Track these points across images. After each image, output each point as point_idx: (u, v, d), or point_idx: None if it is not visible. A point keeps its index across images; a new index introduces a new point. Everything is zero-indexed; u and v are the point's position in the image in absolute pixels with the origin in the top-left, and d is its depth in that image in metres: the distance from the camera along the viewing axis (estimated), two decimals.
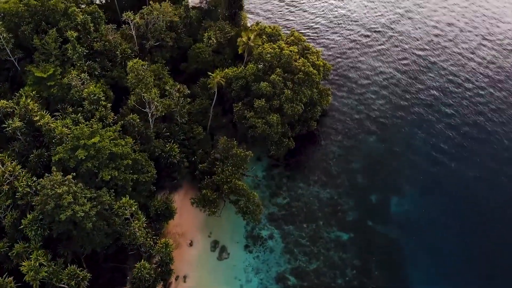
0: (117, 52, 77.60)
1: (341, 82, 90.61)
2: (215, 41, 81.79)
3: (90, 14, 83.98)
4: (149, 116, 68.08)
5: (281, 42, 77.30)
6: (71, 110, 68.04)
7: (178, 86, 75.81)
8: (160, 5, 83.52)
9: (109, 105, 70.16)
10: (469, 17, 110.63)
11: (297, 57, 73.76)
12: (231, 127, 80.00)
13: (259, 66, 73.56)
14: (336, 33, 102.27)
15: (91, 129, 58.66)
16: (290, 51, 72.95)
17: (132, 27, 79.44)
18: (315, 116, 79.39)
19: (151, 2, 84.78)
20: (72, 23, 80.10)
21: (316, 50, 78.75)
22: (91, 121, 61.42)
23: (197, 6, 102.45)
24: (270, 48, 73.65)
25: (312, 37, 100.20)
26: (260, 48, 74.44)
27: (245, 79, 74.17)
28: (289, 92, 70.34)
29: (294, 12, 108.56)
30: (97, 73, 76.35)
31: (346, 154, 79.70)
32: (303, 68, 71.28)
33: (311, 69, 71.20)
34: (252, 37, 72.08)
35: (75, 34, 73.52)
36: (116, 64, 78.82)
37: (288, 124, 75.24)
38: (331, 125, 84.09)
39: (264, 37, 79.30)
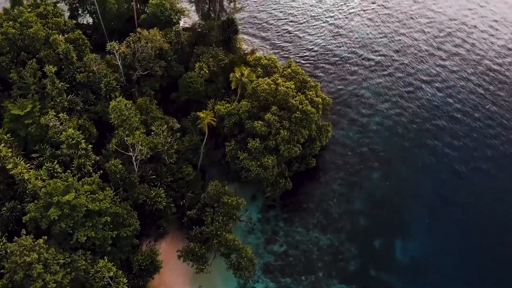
0: (101, 85, 72.11)
1: (342, 112, 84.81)
2: (207, 71, 76.30)
3: (74, 41, 79.07)
4: (133, 159, 62.75)
5: (277, 75, 71.75)
6: (48, 153, 62.99)
7: (166, 125, 70.38)
8: (149, 32, 78.09)
9: (90, 146, 65.00)
10: (478, 41, 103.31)
11: (294, 93, 68.14)
12: (224, 162, 74.47)
13: (253, 103, 68.00)
14: (337, 58, 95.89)
15: (66, 183, 53.21)
16: (287, 87, 67.33)
17: (117, 57, 73.92)
18: (314, 152, 73.85)
19: (139, 29, 79.28)
20: (54, 51, 75.07)
21: (315, 83, 73.05)
22: (66, 173, 55.91)
23: (190, 27, 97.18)
24: (265, 84, 68.04)
25: (310, 62, 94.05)
26: (254, 82, 68.90)
27: (239, 116, 68.68)
28: (286, 133, 64.83)
29: (292, 35, 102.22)
30: (79, 108, 71.12)
31: (347, 193, 74.16)
32: (300, 106, 65.66)
33: (309, 107, 65.58)
34: (245, 73, 66.48)
35: (54, 69, 68.27)
36: (101, 97, 73.46)
37: (284, 163, 69.75)
38: (331, 160, 78.46)
39: (259, 69, 73.67)
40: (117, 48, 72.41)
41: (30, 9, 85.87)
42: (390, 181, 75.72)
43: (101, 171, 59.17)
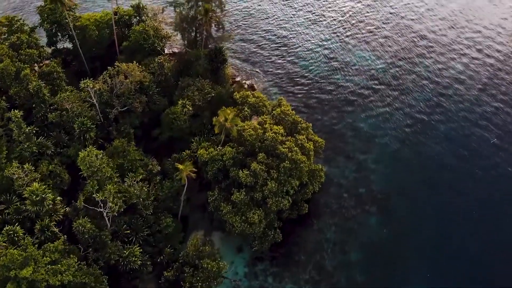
0: (74, 126, 66.46)
1: (338, 148, 78.47)
2: (190, 108, 70.64)
3: (48, 74, 73.66)
4: (104, 214, 57.05)
5: (266, 117, 65.86)
6: (13, 209, 57.40)
7: (144, 169, 64.84)
8: (128, 66, 72.33)
9: (59, 198, 59.47)
10: (481, 67, 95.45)
11: (283, 138, 62.24)
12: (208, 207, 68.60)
13: (238, 148, 62.26)
14: (332, 87, 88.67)
15: (24, 254, 47.51)
16: (275, 132, 61.44)
17: (92, 95, 68.19)
18: (306, 197, 67.96)
19: (117, 63, 73.46)
20: (25, 87, 69.70)
21: (306, 124, 66.98)
22: (26, 239, 50.22)
23: (176, 53, 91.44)
24: (252, 129, 62.13)
25: (304, 92, 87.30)
26: (240, 125, 63.03)
27: (223, 162, 62.87)
28: (274, 185, 58.98)
29: (284, 61, 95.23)
30: (50, 152, 65.52)
31: (342, 242, 68.13)
32: (290, 154, 59.78)
33: (299, 156, 59.69)
34: (230, 117, 60.55)
35: (20, 114, 62.71)
36: (74, 138, 67.83)
37: (273, 213, 63.88)
38: (325, 204, 72.42)
39: (246, 108, 67.75)
40: (91, 86, 66.65)
41: (4, 36, 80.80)
42: (388, 228, 69.52)
43: (65, 236, 53.42)
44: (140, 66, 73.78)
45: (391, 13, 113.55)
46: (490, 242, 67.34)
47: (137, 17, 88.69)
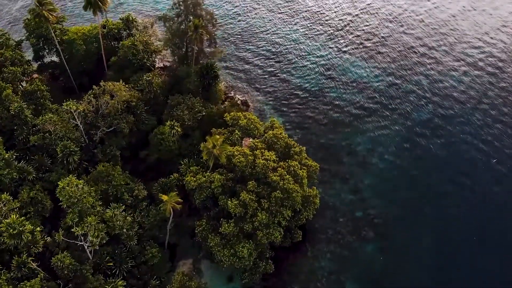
0: (57, 149, 63.50)
1: (333, 170, 75.39)
2: (179, 129, 67.66)
3: (32, 93, 70.71)
4: (86, 247, 54.10)
5: (257, 141, 62.81)
6: None
7: (130, 197, 61.97)
8: (114, 85, 69.33)
9: (39, 228, 56.39)
10: (484, 85, 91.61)
11: (275, 164, 59.19)
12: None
13: (228, 175, 59.27)
14: (328, 106, 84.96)
15: None
16: (266, 159, 58.35)
17: (76, 116, 65.21)
18: (300, 223, 64.94)
19: (101, 82, 70.27)
20: (7, 108, 66.73)
21: (299, 148, 63.85)
22: (1, 279, 47.35)
23: (167, 67, 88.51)
24: (241, 155, 59.06)
25: (298, 110, 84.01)
26: (229, 150, 59.95)
27: (211, 189, 59.88)
28: (264, 216, 55.95)
29: (278, 79, 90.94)
30: (31, 177, 62.53)
31: (338, 271, 65.14)
32: (281, 183, 56.73)
33: (291, 185, 56.63)
34: (218, 143, 57.47)
35: None
36: (57, 162, 64.84)
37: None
38: (320, 229, 69.45)
39: (236, 131, 64.63)
40: (74, 109, 63.65)
41: None
42: (386, 256, 66.59)
43: (44, 272, 50.47)
44: (127, 85, 70.71)
45: (389, 27, 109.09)
46: (497, 274, 64.00)
47: (127, 30, 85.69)
